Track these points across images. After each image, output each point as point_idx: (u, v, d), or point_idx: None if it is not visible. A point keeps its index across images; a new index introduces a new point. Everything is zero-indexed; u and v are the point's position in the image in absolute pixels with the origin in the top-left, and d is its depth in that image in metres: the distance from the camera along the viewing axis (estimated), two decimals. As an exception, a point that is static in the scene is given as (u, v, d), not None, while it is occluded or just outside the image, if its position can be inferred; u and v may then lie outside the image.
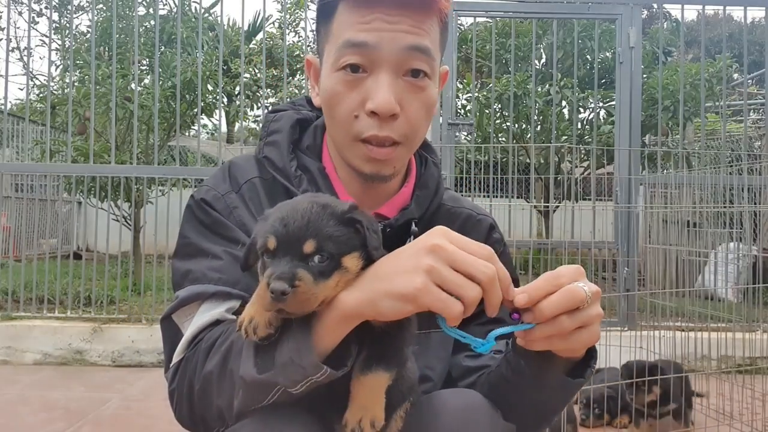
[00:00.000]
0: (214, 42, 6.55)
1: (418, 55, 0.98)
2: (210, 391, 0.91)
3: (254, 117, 11.09)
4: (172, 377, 0.97)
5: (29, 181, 6.18)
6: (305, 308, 0.81)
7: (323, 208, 0.84)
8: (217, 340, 0.91)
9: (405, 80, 0.99)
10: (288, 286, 0.78)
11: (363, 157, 1.02)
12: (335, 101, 1.01)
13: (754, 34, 9.78)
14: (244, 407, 0.88)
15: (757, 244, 5.49)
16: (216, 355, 0.90)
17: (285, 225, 0.82)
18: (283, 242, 0.81)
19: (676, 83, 5.18)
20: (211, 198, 1.06)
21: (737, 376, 2.96)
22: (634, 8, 4.47)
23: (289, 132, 1.10)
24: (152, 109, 4.93)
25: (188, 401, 0.95)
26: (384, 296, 0.79)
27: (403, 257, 0.81)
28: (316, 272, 0.81)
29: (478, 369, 1.10)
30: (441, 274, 0.77)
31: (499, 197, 4.90)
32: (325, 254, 0.82)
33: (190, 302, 0.98)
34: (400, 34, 0.97)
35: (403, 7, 0.97)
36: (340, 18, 1.00)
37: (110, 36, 5.06)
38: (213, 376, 0.90)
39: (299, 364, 0.81)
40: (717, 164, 5.48)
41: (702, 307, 3.60)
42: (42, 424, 2.96)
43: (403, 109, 0.99)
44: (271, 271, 0.80)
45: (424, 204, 1.10)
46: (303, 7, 9.11)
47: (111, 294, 4.71)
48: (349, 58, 0.97)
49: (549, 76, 6.30)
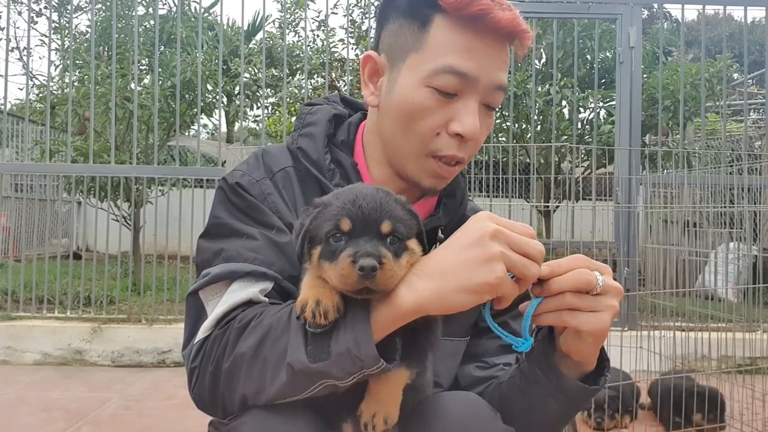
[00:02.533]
0: (213, 42, 6.55)
1: (500, 93, 1.05)
2: (238, 374, 0.88)
3: (254, 117, 11.09)
4: (195, 355, 0.94)
5: (29, 181, 6.17)
6: (389, 286, 0.82)
7: (387, 194, 0.88)
8: (251, 321, 0.89)
9: (483, 107, 1.05)
10: (377, 263, 0.79)
11: (430, 171, 1.06)
12: (418, 115, 1.02)
13: (755, 34, 9.78)
14: (281, 395, 0.86)
15: (757, 244, 5.49)
16: (250, 338, 0.87)
17: (359, 207, 0.84)
18: (360, 223, 0.83)
19: (677, 83, 5.18)
20: (246, 182, 1.06)
21: (737, 376, 2.96)
22: (634, 8, 4.47)
23: (325, 125, 1.11)
24: (152, 109, 4.92)
25: (212, 381, 0.91)
26: (456, 291, 0.81)
27: (465, 248, 0.82)
28: (392, 251, 0.83)
29: (487, 379, 1.12)
30: (510, 259, 0.81)
31: (500, 197, 4.89)
32: (398, 235, 0.84)
33: (222, 279, 0.97)
34: (494, 71, 1.02)
35: (503, 40, 1.02)
36: (440, 33, 1.00)
37: (110, 36, 5.05)
38: (244, 360, 0.87)
39: (357, 356, 0.80)
40: (717, 164, 5.48)
41: (702, 307, 3.59)
42: (41, 424, 2.95)
43: None
44: (353, 249, 0.81)
45: (450, 212, 1.13)
46: (303, 6, 9.10)
47: (111, 294, 4.71)
48: (448, 83, 1.00)
49: (549, 76, 6.30)
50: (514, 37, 1.02)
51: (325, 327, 0.82)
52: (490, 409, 0.98)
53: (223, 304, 0.94)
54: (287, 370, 0.83)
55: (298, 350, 0.82)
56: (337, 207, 0.85)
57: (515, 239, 0.82)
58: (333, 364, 0.81)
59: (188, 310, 1.00)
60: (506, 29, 0.99)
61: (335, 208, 0.85)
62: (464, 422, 0.92)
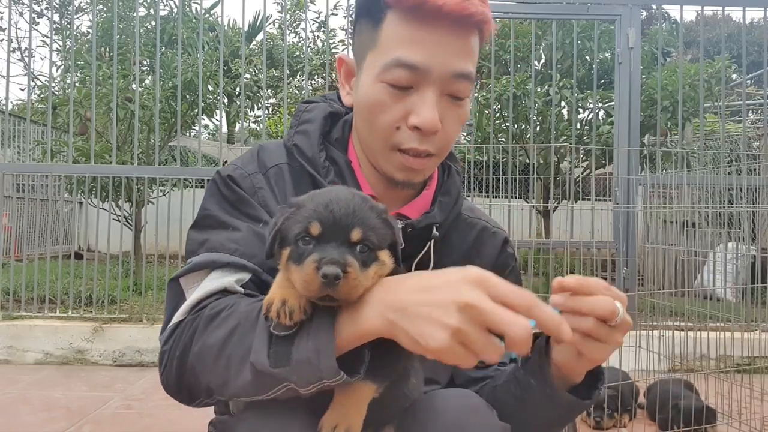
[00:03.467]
0: (214, 42, 6.56)
1: (462, 81, 1.00)
2: (203, 364, 0.89)
3: (255, 117, 11.10)
4: (167, 338, 0.96)
5: (30, 181, 6.20)
6: (352, 296, 0.80)
7: (364, 200, 0.85)
8: (222, 312, 0.89)
9: (447, 98, 1.01)
10: (341, 272, 0.77)
11: (398, 165, 1.04)
12: (377, 110, 1.02)
13: (753, 35, 9.80)
14: (245, 392, 0.86)
15: (756, 244, 5.50)
16: (219, 330, 0.87)
17: (331, 211, 0.81)
18: (329, 228, 0.80)
19: (675, 84, 5.19)
20: (238, 176, 1.07)
21: (736, 375, 2.97)
22: (633, 9, 4.48)
23: (321, 123, 1.12)
24: (153, 110, 4.94)
25: (179, 366, 0.93)
26: (406, 333, 0.77)
27: (436, 297, 0.76)
28: (360, 260, 0.80)
29: (482, 379, 1.13)
30: (468, 337, 0.74)
31: (499, 197, 4.91)
32: (368, 244, 0.81)
33: (201, 268, 0.98)
34: (449, 58, 0.98)
35: (455, 27, 0.97)
36: (390, 28, 0.99)
37: (111, 37, 5.07)
38: (211, 352, 0.87)
39: (317, 366, 0.78)
40: (716, 164, 5.49)
41: (701, 307, 3.60)
42: (43, 424, 2.97)
43: (443, 125, 1.02)
44: (318, 255, 0.78)
45: (446, 210, 1.12)
46: (303, 7, 9.12)
47: (112, 294, 4.73)
48: (398, 77, 0.98)
49: (548, 77, 6.31)
50: (466, 22, 0.97)
51: (290, 329, 0.80)
52: (486, 406, 0.99)
53: (200, 290, 0.95)
54: (250, 369, 0.82)
55: (261, 351, 0.80)
56: (310, 209, 0.82)
57: (490, 319, 0.73)
58: (293, 370, 0.79)
59: (168, 296, 1.02)
60: (453, 15, 0.95)
61: (307, 210, 0.83)
62: (461, 419, 0.93)
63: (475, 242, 1.17)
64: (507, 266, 1.19)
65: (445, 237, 1.12)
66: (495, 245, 1.19)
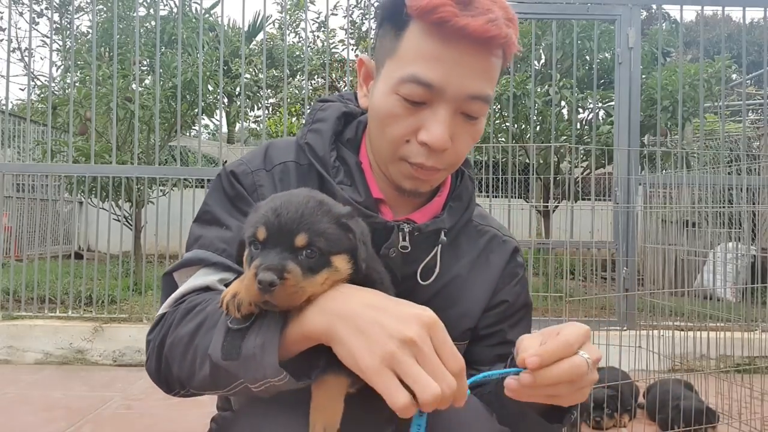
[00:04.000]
0: (214, 42, 6.56)
1: (477, 103, 0.98)
2: (174, 356, 0.91)
3: (255, 117, 11.10)
4: (152, 328, 0.98)
5: (30, 181, 6.20)
6: (292, 302, 0.79)
7: (319, 204, 0.83)
8: (197, 306, 0.92)
9: (460, 116, 0.99)
10: (276, 278, 0.76)
11: (406, 174, 1.03)
12: (389, 121, 1.00)
13: (753, 35, 9.80)
14: (205, 386, 0.88)
15: (756, 244, 5.50)
16: (190, 324, 0.89)
17: (277, 216, 0.81)
18: (274, 233, 0.80)
19: (675, 83, 5.19)
20: (240, 172, 1.07)
21: (736, 375, 2.96)
22: (633, 9, 4.48)
23: (334, 122, 1.10)
24: (153, 110, 4.94)
25: (158, 355, 0.95)
26: (344, 343, 0.77)
27: (385, 320, 0.76)
28: (305, 266, 0.79)
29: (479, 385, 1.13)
30: (401, 367, 0.73)
31: (499, 197, 4.91)
32: (315, 249, 0.80)
33: (191, 265, 1.00)
34: (467, 79, 0.95)
35: (476, 47, 0.94)
36: (411, 40, 0.97)
37: (111, 36, 5.07)
38: (181, 344, 0.90)
39: (260, 362, 0.78)
40: (716, 164, 5.49)
41: (701, 307, 3.60)
42: (43, 424, 2.96)
43: (454, 142, 1.00)
44: (259, 261, 0.78)
45: (455, 216, 1.11)
46: (303, 7, 9.11)
47: (112, 294, 4.73)
48: (413, 92, 0.96)
49: (548, 77, 6.31)
50: (489, 44, 0.95)
51: (244, 324, 0.80)
52: (486, 410, 0.99)
53: (185, 286, 0.98)
54: (209, 362, 0.83)
55: (217, 344, 0.81)
56: (261, 213, 0.82)
57: (427, 361, 0.74)
58: (241, 365, 0.79)
59: (163, 290, 1.04)
60: (475, 36, 0.92)
61: (259, 214, 0.82)
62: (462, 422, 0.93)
63: (484, 250, 1.16)
64: (515, 276, 1.18)
65: (453, 243, 1.11)
66: (504, 254, 1.18)
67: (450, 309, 0.94)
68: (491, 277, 1.14)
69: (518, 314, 1.16)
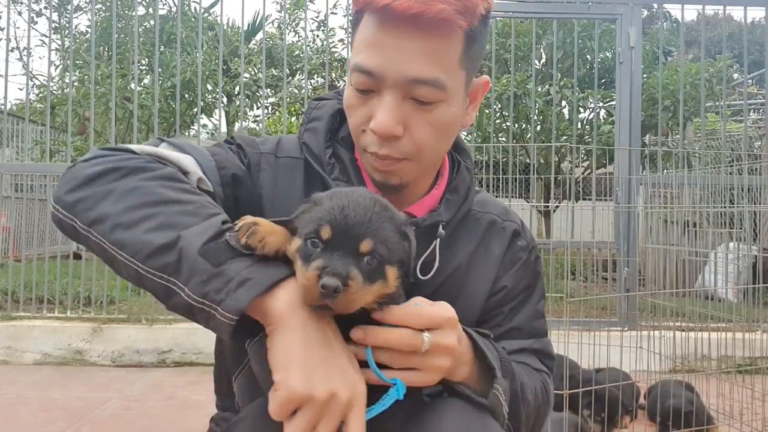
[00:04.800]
0: (213, 42, 6.55)
1: (421, 87, 0.96)
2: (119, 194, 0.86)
3: (254, 117, 11.09)
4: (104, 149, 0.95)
5: (29, 181, 6.17)
6: (349, 309, 0.78)
7: (384, 209, 0.82)
8: (182, 182, 0.91)
9: (412, 102, 0.98)
10: (341, 285, 0.74)
11: (371, 166, 1.04)
12: (350, 112, 1.03)
13: (754, 34, 9.78)
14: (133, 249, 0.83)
15: (757, 244, 5.49)
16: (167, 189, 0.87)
17: (345, 216, 0.78)
18: (340, 234, 0.78)
19: (676, 83, 5.18)
20: (247, 144, 1.09)
21: (737, 375, 2.96)
22: (634, 8, 4.47)
23: (328, 120, 1.11)
24: (152, 109, 4.93)
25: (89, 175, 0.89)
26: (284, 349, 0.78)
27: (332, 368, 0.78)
28: (365, 273, 0.78)
29: None
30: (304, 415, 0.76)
31: (500, 197, 4.90)
32: (377, 257, 0.78)
33: (181, 150, 1.00)
34: (405, 64, 0.94)
35: (414, 30, 0.92)
36: (360, 32, 0.99)
37: (110, 36, 5.07)
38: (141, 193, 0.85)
39: (231, 289, 0.77)
40: (717, 164, 5.48)
41: (702, 307, 3.59)
42: (42, 424, 2.95)
43: (409, 130, 0.98)
44: (322, 263, 0.76)
45: (453, 208, 1.10)
46: (302, 7, 9.10)
47: (111, 294, 4.71)
48: (359, 82, 0.98)
49: (549, 76, 6.30)
50: (419, 22, 0.91)
51: (242, 252, 0.80)
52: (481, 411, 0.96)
53: (169, 152, 0.96)
54: (176, 243, 0.80)
55: (198, 236, 0.80)
56: (325, 210, 0.80)
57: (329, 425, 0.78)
58: (211, 273, 0.78)
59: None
60: (398, 15, 0.90)
61: (322, 210, 0.80)
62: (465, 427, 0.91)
63: (483, 239, 1.14)
64: (516, 261, 1.15)
65: (453, 235, 1.10)
66: (503, 241, 1.15)
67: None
68: (491, 265, 1.13)
69: (518, 297, 1.14)
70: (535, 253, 1.18)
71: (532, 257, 1.17)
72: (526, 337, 1.12)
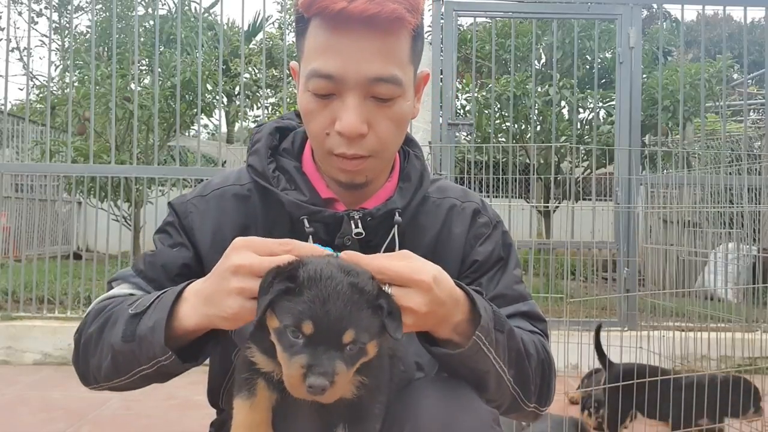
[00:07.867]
0: (213, 42, 6.56)
1: (381, 85, 0.99)
2: (88, 351, 1.01)
3: (254, 117, 11.09)
4: (78, 327, 1.08)
5: (29, 181, 6.17)
6: (333, 399, 0.80)
7: (360, 293, 0.80)
8: (107, 307, 1.03)
9: (372, 101, 1.00)
10: (329, 383, 0.76)
11: (337, 168, 1.05)
12: (309, 118, 1.04)
13: (754, 34, 9.77)
14: (110, 375, 0.98)
15: (757, 245, 5.49)
16: (99, 321, 1.00)
17: (327, 311, 0.78)
18: (323, 330, 0.78)
19: (676, 83, 5.19)
20: (177, 203, 1.18)
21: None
22: (633, 8, 4.46)
23: (267, 139, 1.14)
24: (152, 109, 4.93)
25: (75, 350, 1.06)
26: (217, 318, 0.87)
27: (215, 277, 0.88)
28: (348, 361, 0.79)
29: None
30: (252, 290, 0.83)
31: (499, 197, 4.90)
32: (358, 344, 0.79)
33: (117, 279, 1.15)
34: (364, 64, 0.97)
35: (366, 30, 0.96)
36: (311, 39, 1.00)
37: (110, 36, 5.06)
38: (92, 339, 1.00)
39: (151, 342, 0.89)
40: (717, 164, 5.48)
41: (702, 307, 3.59)
42: (42, 425, 2.95)
43: (372, 127, 1.01)
44: (306, 360, 0.77)
45: (407, 195, 1.11)
46: (303, 7, 9.10)
47: (111, 294, 4.71)
48: (318, 86, 0.99)
49: (548, 77, 6.30)
50: (375, 22, 0.94)
51: (141, 309, 0.92)
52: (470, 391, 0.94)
53: (107, 293, 1.12)
54: (111, 350, 0.94)
55: (119, 331, 0.93)
56: (305, 302, 0.78)
57: (257, 267, 0.84)
58: (136, 346, 0.90)
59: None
60: (356, 18, 0.94)
61: (302, 303, 0.78)
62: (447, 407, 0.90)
63: (444, 224, 1.15)
64: (480, 236, 1.15)
65: (413, 223, 1.12)
66: (464, 222, 1.16)
67: None
68: (457, 246, 1.14)
69: (494, 268, 1.14)
70: (501, 228, 1.19)
71: (498, 231, 1.17)
72: (511, 303, 1.12)
